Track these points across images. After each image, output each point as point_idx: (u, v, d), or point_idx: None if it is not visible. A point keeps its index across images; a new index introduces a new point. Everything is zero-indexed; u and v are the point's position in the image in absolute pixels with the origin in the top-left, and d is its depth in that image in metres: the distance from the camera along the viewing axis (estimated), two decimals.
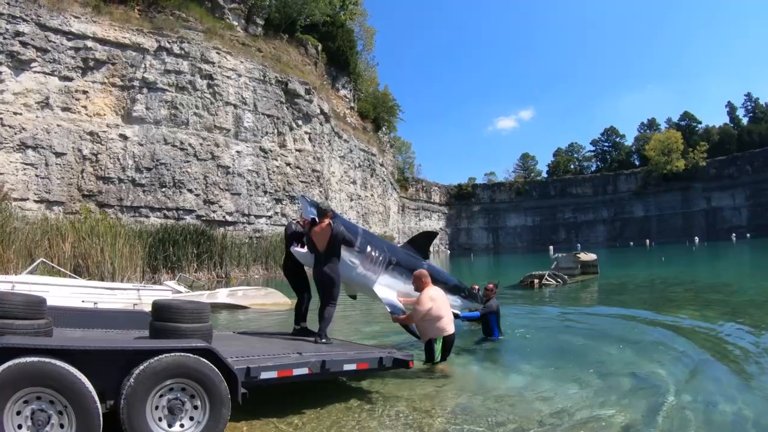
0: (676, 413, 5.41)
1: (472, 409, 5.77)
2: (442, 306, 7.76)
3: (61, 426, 3.76)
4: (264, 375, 5.23)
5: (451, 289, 10.19)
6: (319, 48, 54.47)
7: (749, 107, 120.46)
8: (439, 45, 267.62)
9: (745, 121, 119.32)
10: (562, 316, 13.40)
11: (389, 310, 8.42)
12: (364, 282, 8.53)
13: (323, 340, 7.34)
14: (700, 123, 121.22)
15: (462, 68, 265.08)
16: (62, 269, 18.03)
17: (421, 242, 10.33)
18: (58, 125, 29.56)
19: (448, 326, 7.72)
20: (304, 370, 5.63)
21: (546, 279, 21.42)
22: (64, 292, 12.87)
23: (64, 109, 30.00)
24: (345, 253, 7.95)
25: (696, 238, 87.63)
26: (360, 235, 8.62)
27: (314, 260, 7.77)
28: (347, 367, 6.14)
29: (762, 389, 6.10)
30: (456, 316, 8.47)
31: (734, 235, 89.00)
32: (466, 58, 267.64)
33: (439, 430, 5.17)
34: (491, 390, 6.55)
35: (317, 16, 52.89)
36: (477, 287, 12.85)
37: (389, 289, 8.64)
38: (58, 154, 29.46)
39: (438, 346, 7.59)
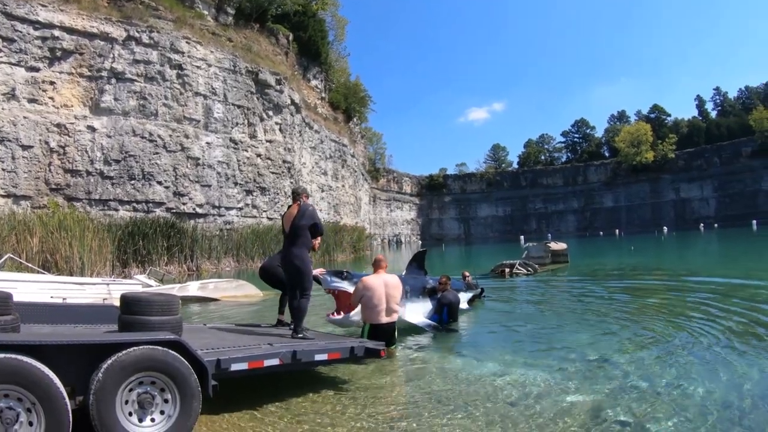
0: (644, 397, 5.56)
1: (446, 395, 5.84)
2: (377, 297, 7.90)
3: (30, 424, 3.70)
4: (235, 366, 5.24)
5: (456, 289, 11.87)
6: (291, 38, 53.92)
7: (718, 101, 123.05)
8: (412, 36, 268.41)
9: (713, 114, 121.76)
10: (532, 303, 13.65)
11: (428, 330, 9.72)
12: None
13: (300, 335, 6.99)
14: (670, 116, 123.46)
15: (434, 59, 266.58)
16: (30, 265, 17.75)
17: (419, 261, 12.05)
18: (24, 117, 28.82)
19: (378, 316, 7.87)
20: (275, 361, 5.65)
21: (517, 268, 21.74)
22: (32, 288, 12.64)
23: (31, 101, 29.25)
24: None
25: (665, 228, 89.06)
26: None
27: (283, 246, 7.74)
28: (318, 357, 6.16)
29: (729, 372, 6.29)
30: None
31: (702, 225, 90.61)
32: (439, 49, 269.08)
33: (415, 417, 5.23)
34: (462, 376, 6.66)
35: (289, 6, 52.41)
36: (467, 273, 13.98)
37: (415, 312, 10.07)
38: (24, 147, 28.72)
39: (365, 330, 7.91)
